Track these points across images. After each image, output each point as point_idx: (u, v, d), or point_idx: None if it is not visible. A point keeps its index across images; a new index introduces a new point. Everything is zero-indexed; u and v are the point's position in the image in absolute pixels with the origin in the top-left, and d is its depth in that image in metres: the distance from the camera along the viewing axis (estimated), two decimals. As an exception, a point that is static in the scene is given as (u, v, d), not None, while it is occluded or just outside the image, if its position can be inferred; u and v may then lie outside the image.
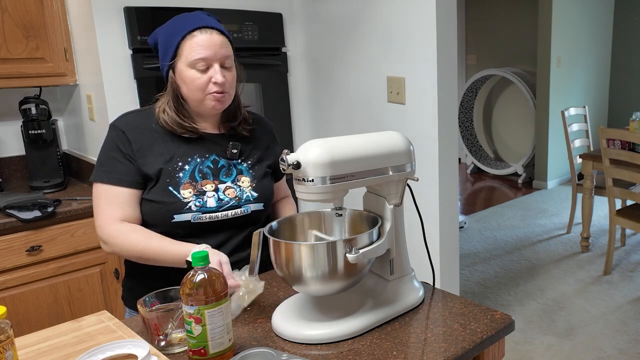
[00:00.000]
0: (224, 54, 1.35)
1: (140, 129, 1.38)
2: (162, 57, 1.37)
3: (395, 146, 1.18)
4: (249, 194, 1.43)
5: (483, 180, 6.29)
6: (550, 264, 3.77)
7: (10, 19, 2.21)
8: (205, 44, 1.32)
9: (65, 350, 1.05)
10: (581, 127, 4.35)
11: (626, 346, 2.71)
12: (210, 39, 1.33)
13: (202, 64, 1.32)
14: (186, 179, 1.37)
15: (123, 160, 1.36)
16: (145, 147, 1.36)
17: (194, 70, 1.33)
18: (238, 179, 1.43)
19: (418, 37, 2.21)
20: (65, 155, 2.68)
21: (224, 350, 1.01)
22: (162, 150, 1.37)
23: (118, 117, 1.43)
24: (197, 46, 1.32)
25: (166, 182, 1.35)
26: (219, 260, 1.21)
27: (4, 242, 2.00)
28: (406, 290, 1.23)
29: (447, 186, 2.29)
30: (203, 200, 1.37)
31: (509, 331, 1.16)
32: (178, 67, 1.35)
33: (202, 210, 1.36)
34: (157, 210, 1.35)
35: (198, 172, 1.38)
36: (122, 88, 2.20)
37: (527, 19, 5.95)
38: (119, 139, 1.37)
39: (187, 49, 1.32)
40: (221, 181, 1.41)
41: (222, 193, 1.39)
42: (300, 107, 2.84)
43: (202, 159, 1.40)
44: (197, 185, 1.37)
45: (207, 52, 1.32)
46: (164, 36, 1.37)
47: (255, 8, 2.54)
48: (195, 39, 1.32)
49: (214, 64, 1.33)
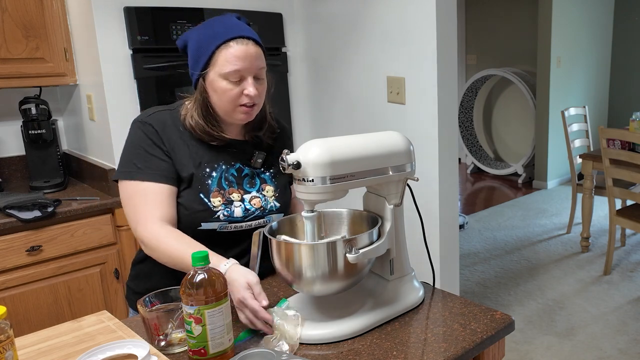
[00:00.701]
0: (259, 66, 1.30)
1: (170, 128, 1.34)
2: (193, 64, 1.31)
3: (395, 146, 1.18)
4: (272, 204, 1.41)
5: (483, 180, 6.29)
6: (550, 264, 3.77)
7: (10, 19, 2.21)
8: (241, 56, 1.26)
9: (65, 350, 1.05)
10: (581, 127, 4.35)
11: (626, 346, 2.71)
12: (247, 51, 1.27)
13: (236, 76, 1.27)
14: (214, 186, 1.34)
15: (162, 155, 1.31)
16: (177, 147, 1.33)
17: (226, 82, 1.28)
18: (263, 189, 1.41)
19: (418, 37, 2.21)
20: (65, 155, 2.68)
21: (224, 350, 1.01)
22: (191, 153, 1.34)
23: (144, 113, 1.37)
24: (232, 57, 1.26)
25: (197, 189, 1.32)
26: (247, 283, 1.12)
27: (4, 242, 2.00)
28: (406, 290, 1.23)
29: (447, 186, 2.29)
30: (231, 209, 1.34)
31: (509, 331, 1.16)
32: (210, 77, 1.29)
33: (229, 220, 1.34)
34: (186, 216, 1.32)
35: (224, 179, 1.36)
36: (122, 88, 2.20)
37: (527, 19, 5.95)
38: (153, 134, 1.32)
39: (221, 60, 1.26)
40: (246, 191, 1.38)
41: (249, 203, 1.37)
42: (300, 107, 2.84)
43: (228, 167, 1.37)
44: (225, 194, 1.34)
45: (243, 64, 1.27)
46: (196, 42, 1.30)
47: (255, 8, 2.54)
48: (231, 49, 1.26)
49: (247, 77, 1.28)
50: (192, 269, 1.00)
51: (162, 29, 2.24)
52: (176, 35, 2.27)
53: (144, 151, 1.31)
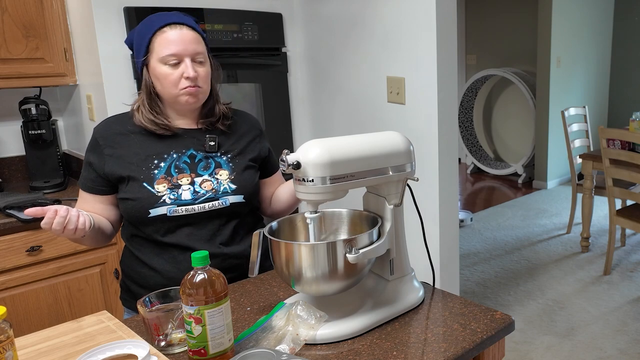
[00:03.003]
0: (195, 49, 1.36)
1: (114, 135, 1.41)
2: (136, 55, 1.39)
3: (395, 146, 1.18)
4: (226, 186, 1.42)
5: (483, 180, 6.29)
6: (550, 264, 3.77)
7: (10, 19, 2.21)
8: (174, 39, 1.34)
9: (65, 350, 1.05)
10: (581, 127, 4.35)
11: (626, 346, 2.71)
12: (180, 34, 1.35)
13: (173, 59, 1.34)
14: (161, 174, 1.38)
15: (90, 169, 1.42)
16: (119, 151, 1.39)
17: (166, 67, 1.35)
18: (216, 172, 1.43)
19: (418, 37, 2.21)
20: (65, 155, 2.68)
21: (224, 351, 1.01)
22: (137, 150, 1.39)
23: (99, 123, 1.46)
24: (166, 42, 1.34)
25: (140, 179, 1.37)
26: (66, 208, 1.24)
27: (4, 242, 2.00)
28: (406, 290, 1.23)
29: (447, 186, 2.29)
30: (178, 193, 1.37)
31: (509, 331, 1.16)
32: (151, 64, 1.37)
33: (177, 203, 1.36)
34: (133, 207, 1.36)
35: (174, 167, 1.39)
36: (122, 88, 2.20)
37: (527, 19, 5.96)
38: (92, 147, 1.42)
39: (157, 45, 1.35)
40: (198, 174, 1.41)
41: (199, 186, 1.40)
42: (300, 107, 2.84)
43: (179, 155, 1.41)
44: (172, 180, 1.38)
45: (177, 47, 1.34)
46: (137, 34, 1.39)
47: (255, 8, 2.54)
48: (165, 34, 1.35)
49: (184, 59, 1.35)
50: (193, 269, 1.01)
51: (162, 29, 2.23)
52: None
53: (84, 161, 1.44)
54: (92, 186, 1.42)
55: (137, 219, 1.38)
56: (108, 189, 1.42)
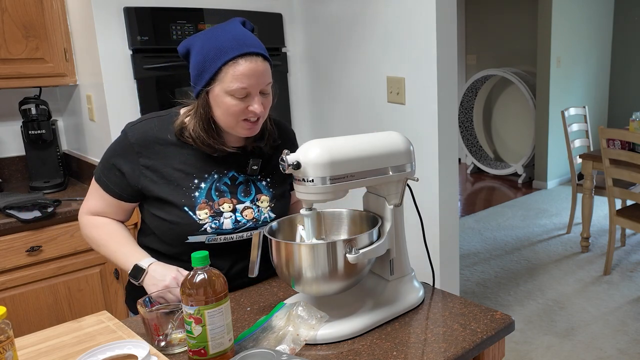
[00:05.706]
0: (266, 82, 1.25)
1: (154, 143, 1.31)
2: (196, 77, 1.25)
3: (395, 146, 1.18)
4: (267, 215, 1.38)
5: (483, 180, 6.29)
6: (550, 264, 3.77)
7: (10, 19, 2.21)
8: (249, 74, 1.21)
9: (65, 350, 1.05)
10: (581, 127, 4.35)
11: (626, 346, 2.71)
12: (255, 69, 1.22)
13: (242, 93, 1.23)
14: (202, 198, 1.31)
15: (118, 173, 1.33)
16: (156, 164, 1.31)
17: (231, 97, 1.23)
18: (257, 198, 1.37)
19: (418, 37, 2.21)
20: (65, 155, 2.68)
21: (224, 351, 1.01)
22: (177, 165, 1.31)
23: (135, 123, 1.35)
24: (240, 75, 1.20)
25: (181, 202, 1.30)
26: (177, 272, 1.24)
27: (4, 242, 2.00)
28: (406, 291, 1.23)
29: (447, 186, 2.29)
30: (219, 221, 1.31)
31: (509, 331, 1.16)
32: (214, 91, 1.24)
33: (218, 232, 1.32)
34: (172, 230, 1.31)
35: (215, 190, 1.33)
36: (122, 88, 2.20)
37: (527, 19, 5.95)
38: (125, 152, 1.32)
39: (229, 77, 1.21)
40: (239, 200, 1.35)
41: (240, 214, 1.34)
42: (300, 107, 2.84)
43: (220, 176, 1.34)
44: (213, 205, 1.31)
45: (250, 82, 1.22)
46: (201, 55, 1.24)
47: (255, 8, 2.54)
48: (239, 67, 1.20)
49: (254, 93, 1.24)
50: (193, 269, 1.01)
51: (162, 29, 2.24)
52: (176, 35, 2.27)
53: (110, 160, 1.35)
54: (120, 193, 1.34)
55: (173, 241, 1.33)
56: (135, 199, 1.36)
